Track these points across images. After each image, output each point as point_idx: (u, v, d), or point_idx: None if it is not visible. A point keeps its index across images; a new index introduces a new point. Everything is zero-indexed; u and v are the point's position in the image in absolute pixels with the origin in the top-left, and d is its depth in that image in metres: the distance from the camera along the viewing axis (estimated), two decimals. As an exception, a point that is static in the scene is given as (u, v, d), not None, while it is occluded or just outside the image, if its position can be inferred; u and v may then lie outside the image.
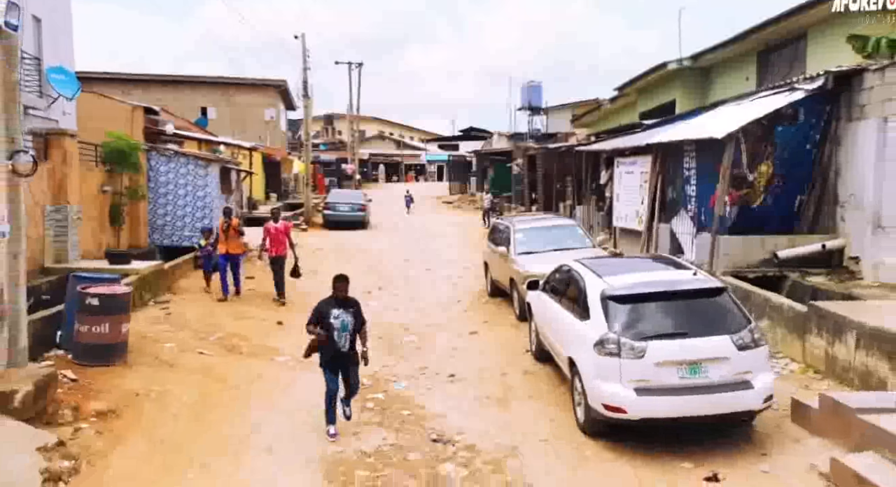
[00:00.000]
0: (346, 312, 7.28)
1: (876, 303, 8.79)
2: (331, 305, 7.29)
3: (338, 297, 7.33)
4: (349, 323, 7.26)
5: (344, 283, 7.41)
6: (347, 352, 7.31)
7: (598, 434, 7.10)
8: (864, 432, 6.12)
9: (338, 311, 7.24)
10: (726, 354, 6.59)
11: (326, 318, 7.20)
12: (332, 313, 7.23)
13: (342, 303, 7.33)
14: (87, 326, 8.02)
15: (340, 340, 7.22)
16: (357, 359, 7.41)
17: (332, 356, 7.26)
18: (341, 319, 7.24)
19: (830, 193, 11.60)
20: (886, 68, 10.37)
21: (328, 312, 7.23)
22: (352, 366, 7.38)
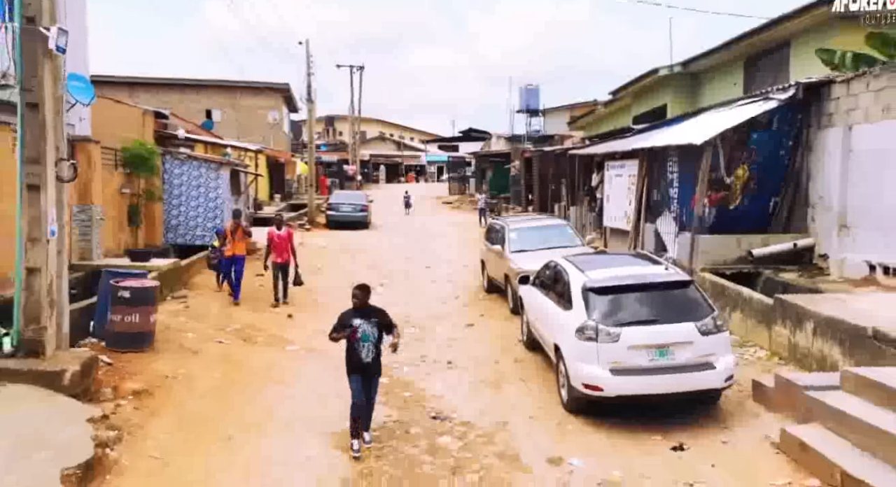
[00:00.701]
0: (367, 322, 7.09)
1: (835, 296, 9.65)
2: (351, 315, 7.17)
3: (358, 307, 7.16)
4: (371, 333, 7.08)
5: (362, 292, 7.21)
6: (370, 363, 7.13)
7: (579, 412, 7.96)
8: (810, 407, 6.98)
9: (358, 321, 7.09)
10: (691, 339, 7.46)
11: (348, 328, 7.09)
12: (354, 322, 7.09)
13: (362, 313, 7.15)
14: (119, 316, 8.89)
15: (362, 350, 7.06)
16: (380, 371, 7.30)
17: (356, 366, 7.13)
18: (362, 329, 7.07)
19: (802, 196, 12.47)
20: (851, 80, 11.24)
21: (349, 322, 7.10)
22: (374, 378, 7.25)
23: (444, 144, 71.10)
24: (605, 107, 30.97)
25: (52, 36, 6.96)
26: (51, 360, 7.25)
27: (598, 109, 30.36)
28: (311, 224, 28.35)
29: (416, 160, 74.73)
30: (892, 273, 10.36)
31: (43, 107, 7.07)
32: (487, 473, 6.73)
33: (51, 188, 7.19)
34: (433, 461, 7.02)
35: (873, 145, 10.70)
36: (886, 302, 9.01)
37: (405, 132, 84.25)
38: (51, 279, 7.27)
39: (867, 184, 10.84)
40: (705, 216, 12.50)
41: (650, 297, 7.85)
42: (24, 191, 7.08)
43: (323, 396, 8.56)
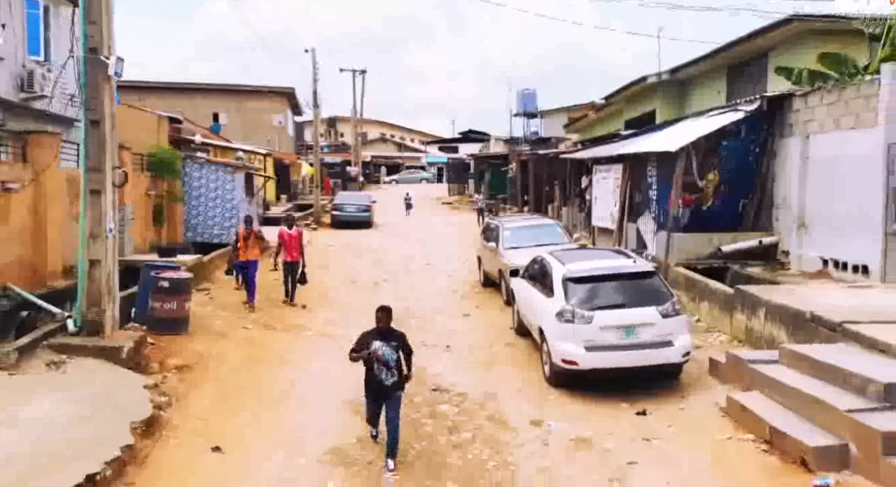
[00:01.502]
0: (386, 345, 6.98)
1: (786, 287, 10.94)
2: (372, 336, 7.07)
3: (380, 328, 7.09)
4: (391, 356, 6.98)
5: (384, 314, 7.10)
6: (389, 386, 7.02)
7: (559, 385, 9.24)
8: (752, 377, 8.26)
9: (378, 343, 6.98)
10: (653, 321, 8.75)
11: (367, 349, 7.03)
12: (373, 345, 6.99)
13: (384, 335, 7.07)
14: (159, 303, 10.17)
15: (381, 373, 6.97)
16: (399, 393, 7.13)
17: (374, 389, 7.14)
18: (383, 351, 6.96)
19: (768, 198, 13.76)
20: (808, 94, 12.53)
21: (369, 343, 7.03)
22: (393, 402, 7.07)
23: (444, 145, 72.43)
24: (598, 111, 32.23)
25: (111, 63, 8.23)
26: (109, 338, 8.54)
27: (589, 115, 31.63)
28: (316, 223, 29.64)
29: (417, 161, 75.94)
30: (841, 267, 11.64)
31: (103, 123, 8.36)
32: (479, 432, 8.02)
33: (109, 192, 8.47)
34: (433, 423, 8.31)
35: (826, 153, 11.99)
36: (827, 291, 10.33)
37: (406, 133, 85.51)
38: (108, 270, 8.55)
39: (821, 188, 12.13)
40: (680, 216, 13.78)
41: (619, 285, 9.14)
42: (88, 195, 8.35)
43: (335, 371, 9.82)
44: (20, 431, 6.40)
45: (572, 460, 7.29)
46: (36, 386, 7.44)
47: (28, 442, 6.21)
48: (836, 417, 6.71)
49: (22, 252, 10.56)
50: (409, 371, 7.25)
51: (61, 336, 8.54)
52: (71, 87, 16.63)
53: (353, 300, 15.02)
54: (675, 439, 7.67)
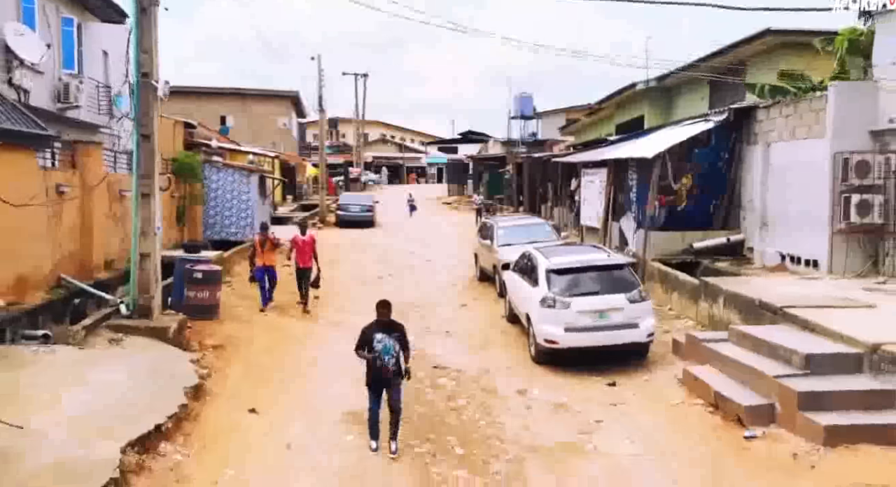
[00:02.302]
0: (388, 336, 7.53)
1: (744, 278, 12.40)
2: (374, 330, 7.61)
3: (381, 321, 7.65)
4: (392, 346, 7.50)
5: (386, 309, 7.67)
6: (390, 375, 7.56)
7: (542, 362, 10.69)
8: (706, 354, 9.70)
9: (381, 335, 7.52)
10: (622, 306, 10.20)
11: (370, 342, 7.52)
12: (376, 337, 7.52)
13: (385, 328, 7.61)
14: (194, 292, 11.62)
15: (383, 364, 7.49)
16: (400, 380, 7.66)
17: (376, 376, 7.62)
18: (384, 343, 7.49)
19: (736, 200, 15.21)
20: (770, 107, 13.98)
21: (372, 336, 7.55)
22: (394, 388, 7.62)
23: (444, 146, 73.90)
24: (591, 115, 33.72)
25: (160, 86, 9.66)
26: (157, 320, 10.00)
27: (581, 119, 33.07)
28: (322, 223, 31.08)
29: (417, 162, 77.38)
30: (796, 261, 13.09)
31: (152, 137, 9.80)
32: (473, 399, 9.47)
33: (157, 196, 9.91)
34: (434, 392, 9.76)
35: (784, 160, 13.44)
36: (779, 282, 11.80)
37: (406, 134, 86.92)
38: (155, 262, 9.99)
39: (780, 191, 13.58)
40: (657, 216, 15.22)
41: (594, 276, 10.60)
42: (139, 199, 9.79)
43: (349, 353, 11.23)
44: (98, 392, 7.84)
45: (550, 419, 8.74)
46: (102, 358, 8.89)
47: (105, 401, 7.66)
48: (766, 382, 8.17)
49: (73, 247, 11.99)
50: (406, 362, 7.69)
51: (116, 318, 10.00)
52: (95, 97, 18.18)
53: (360, 292, 16.43)
54: (638, 404, 9.13)
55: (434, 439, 8.18)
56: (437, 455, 7.75)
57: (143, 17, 9.49)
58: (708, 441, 7.86)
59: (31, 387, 7.59)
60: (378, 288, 17.15)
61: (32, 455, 6.23)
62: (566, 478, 7.19)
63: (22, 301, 9.99)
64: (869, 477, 6.50)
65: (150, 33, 9.58)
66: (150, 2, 9.51)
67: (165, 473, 6.87)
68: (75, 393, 7.68)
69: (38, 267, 10.62)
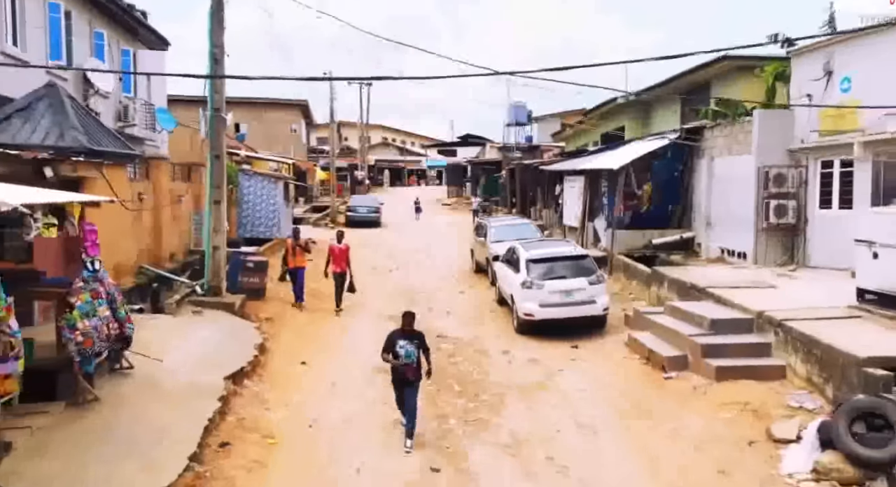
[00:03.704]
0: (410, 343, 8.51)
1: (686, 267, 15.40)
2: (398, 336, 8.58)
3: (404, 329, 8.61)
4: (412, 352, 8.46)
5: (410, 318, 8.66)
6: (411, 379, 8.57)
7: (522, 332, 13.68)
8: (646, 323, 12.69)
9: (403, 342, 8.48)
10: (584, 287, 13.19)
11: (394, 347, 8.50)
12: (399, 343, 8.48)
13: (408, 335, 8.58)
14: (246, 278, 14.61)
15: (404, 368, 8.52)
16: (418, 383, 8.65)
17: (401, 376, 8.64)
18: (406, 349, 8.44)
19: (689, 204, 18.22)
20: (713, 127, 16.99)
21: (395, 342, 8.52)
22: (413, 389, 8.59)
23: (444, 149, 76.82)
24: (579, 124, 36.74)
25: (228, 118, 12.63)
26: (225, 298, 12.99)
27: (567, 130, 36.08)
28: (333, 223, 34.07)
29: (418, 165, 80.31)
30: (732, 254, 16.10)
31: (222, 157, 12.77)
32: (468, 357, 12.45)
33: (224, 202, 12.89)
34: (438, 353, 12.55)
35: (723, 172, 16.45)
36: (713, 270, 14.81)
37: (407, 137, 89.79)
38: (223, 253, 12.98)
39: (720, 197, 16.59)
40: (623, 217, 18.24)
41: (563, 264, 13.59)
42: (212, 204, 12.77)
43: (371, 329, 14.24)
44: (197, 345, 10.84)
45: (525, 369, 11.75)
46: (192, 323, 11.89)
47: (204, 350, 10.65)
48: (683, 340, 11.16)
49: (148, 242, 14.96)
50: (428, 365, 8.72)
51: (194, 297, 12.99)
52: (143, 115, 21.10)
53: (373, 281, 19.41)
54: (591, 359, 12.14)
55: (439, 382, 11.13)
56: (441, 391, 10.72)
57: (217, 67, 12.47)
58: (637, 381, 10.87)
59: (154, 340, 10.54)
60: (389, 279, 20.22)
61: (170, 380, 9.24)
62: (533, 403, 10.19)
63: (118, 284, 12.95)
64: (738, 398, 9.48)
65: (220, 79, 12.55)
66: (221, 56, 12.48)
67: (251, 397, 9.87)
68: (183, 344, 10.69)
69: (128, 258, 13.57)
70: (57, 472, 6.60)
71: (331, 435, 8.99)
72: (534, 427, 9.35)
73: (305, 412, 9.76)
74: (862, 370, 8.33)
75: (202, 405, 8.62)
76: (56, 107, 12.06)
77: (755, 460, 8.05)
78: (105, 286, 8.44)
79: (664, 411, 9.65)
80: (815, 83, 14.36)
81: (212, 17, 12.49)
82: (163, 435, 7.68)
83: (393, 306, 15.58)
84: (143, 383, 9.03)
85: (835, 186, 14.16)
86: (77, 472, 6.67)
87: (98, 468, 6.81)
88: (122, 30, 19.34)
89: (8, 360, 6.32)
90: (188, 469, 7.21)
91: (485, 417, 9.75)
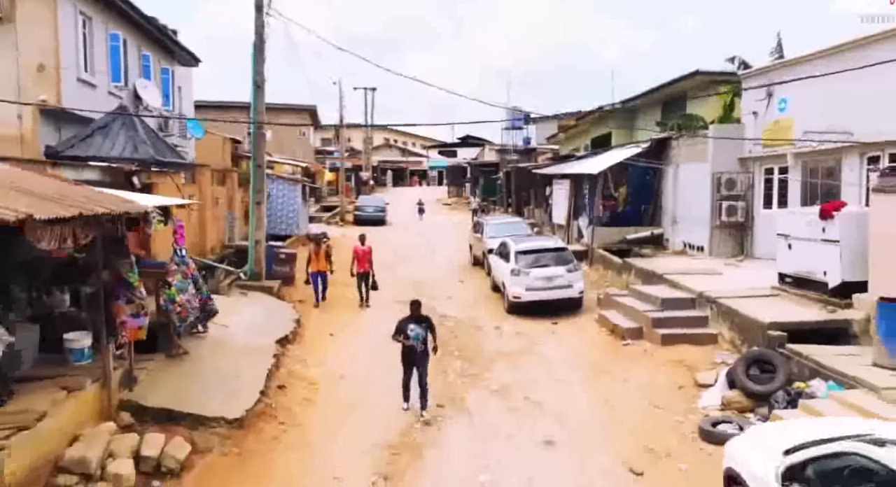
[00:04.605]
0: (419, 326, 10.04)
1: (654, 259, 18.07)
2: (408, 321, 10.08)
3: (413, 316, 10.19)
4: (421, 334, 9.99)
5: (417, 305, 10.35)
6: (420, 355, 10.06)
7: (511, 312, 16.35)
8: (613, 303, 15.36)
9: (413, 325, 10.02)
10: (563, 274, 15.87)
11: (405, 331, 9.94)
12: (409, 327, 9.96)
13: (417, 320, 10.16)
14: (279, 267, 17.28)
15: (413, 346, 10.00)
16: (427, 359, 10.17)
17: (408, 355, 10.09)
18: (415, 332, 9.96)
19: (659, 204, 20.89)
20: (678, 138, 19.66)
21: (406, 326, 9.97)
22: (423, 365, 10.12)
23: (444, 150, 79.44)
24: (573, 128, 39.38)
25: (268, 135, 15.28)
26: (265, 282, 15.67)
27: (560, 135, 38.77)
28: (342, 221, 36.76)
29: (419, 165, 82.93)
30: (692, 247, 18.77)
31: (262, 166, 15.43)
32: (466, 332, 15.11)
33: (264, 203, 15.55)
34: (442, 329, 15.23)
35: (686, 177, 19.12)
36: (673, 260, 17.48)
37: (408, 138, 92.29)
38: (263, 246, 15.65)
39: (683, 199, 19.26)
40: (602, 216, 20.89)
41: (546, 255, 16.26)
42: (255, 205, 15.43)
43: (383, 312, 16.87)
44: (249, 317, 13.53)
45: (512, 340, 14.42)
46: (241, 301, 14.58)
47: (255, 321, 13.33)
48: (639, 315, 13.82)
49: (195, 237, 17.61)
50: (434, 342, 10.35)
51: (239, 281, 15.66)
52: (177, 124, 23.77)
53: (384, 274, 22.00)
54: (568, 333, 14.82)
55: (442, 350, 13.56)
56: (444, 356, 13.28)
57: (258, 92, 15.14)
58: (602, 348, 13.55)
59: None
60: (396, 271, 22.84)
61: (234, 341, 11.92)
62: (517, 364, 12.85)
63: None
64: (677, 358, 12.15)
65: (261, 101, 15.21)
66: (262, 82, 15.15)
67: (294, 357, 12.56)
68: (238, 317, 13.37)
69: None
70: (170, 397, 9.25)
71: (357, 385, 11.66)
72: (516, 379, 12.02)
73: (336, 369, 12.42)
74: (766, 332, 11.00)
75: (262, 359, 11.31)
76: (128, 125, 14.70)
77: (682, 399, 10.73)
78: (190, 269, 11.09)
79: (619, 368, 12.32)
80: (759, 102, 17.03)
81: (255, 50, 15.15)
82: (237, 378, 10.36)
83: (402, 294, 18.16)
84: (215, 343, 11.72)
85: (775, 190, 16.83)
86: (184, 398, 9.32)
87: (196, 396, 9.48)
88: (162, 51, 21.98)
89: (140, 316, 8.97)
90: (259, 401, 9.88)
91: (478, 373, 12.43)
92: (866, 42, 13.69)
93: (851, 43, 14.25)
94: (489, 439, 9.50)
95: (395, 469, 8.58)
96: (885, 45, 12.96)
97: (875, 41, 13.37)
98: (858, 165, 13.85)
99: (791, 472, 5.39)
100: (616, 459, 8.79)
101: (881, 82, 12.81)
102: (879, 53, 12.57)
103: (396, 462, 8.78)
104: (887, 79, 12.64)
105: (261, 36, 15.07)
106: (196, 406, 9.10)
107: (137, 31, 19.61)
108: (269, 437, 9.23)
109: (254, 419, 9.42)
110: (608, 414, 10.40)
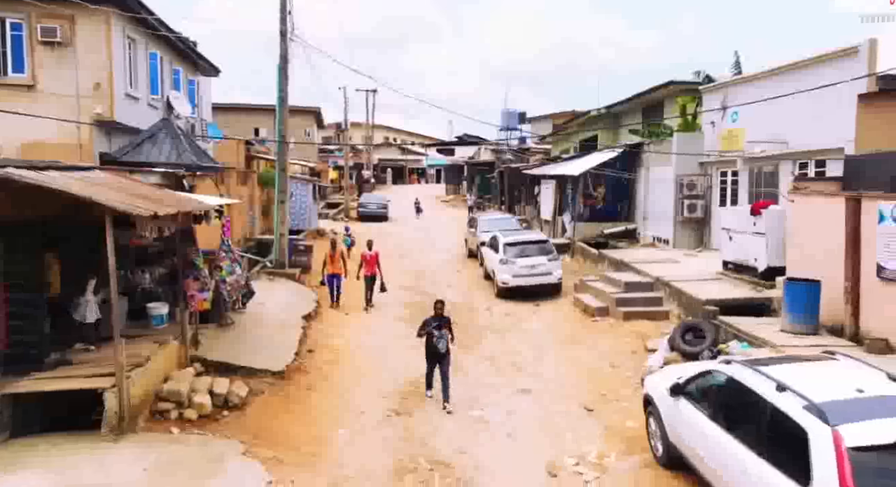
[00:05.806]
0: (442, 327, 11.08)
1: (625, 251, 20.64)
2: (431, 321, 11.12)
3: (436, 315, 11.20)
4: (443, 333, 11.02)
5: (441, 305, 11.42)
6: (443, 352, 10.91)
7: (500, 297, 18.92)
8: (587, 287, 17.92)
9: (436, 323, 11.05)
10: (544, 263, 18.44)
11: (429, 327, 11.05)
12: (432, 324, 11.01)
13: (439, 319, 11.16)
14: (297, 257, 19.81)
15: (439, 344, 10.86)
16: (449, 356, 11.05)
17: (432, 353, 11.03)
18: (441, 337, 10.96)
19: (633, 203, 23.45)
20: (649, 144, 22.21)
21: (430, 323, 11.05)
22: (445, 362, 11.00)
23: (442, 148, 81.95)
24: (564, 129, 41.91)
25: (291, 144, 17.78)
26: (288, 270, 18.21)
27: (549, 139, 41.29)
28: (347, 217, 39.28)
29: (418, 164, 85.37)
30: (660, 240, 21.35)
31: (286, 169, 17.94)
32: (462, 312, 17.64)
33: (287, 202, 18.06)
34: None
35: (655, 178, 21.68)
36: (640, 251, 20.05)
37: (407, 136, 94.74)
38: (286, 238, 18.18)
39: (653, 198, 21.83)
40: (583, 213, 23.45)
41: (530, 246, 18.83)
42: (279, 203, 17.95)
43: (392, 296, 19.42)
44: (279, 298, 16.08)
45: (502, 319, 17.00)
46: (270, 285, 17.12)
47: (286, 301, 15.88)
48: (607, 296, 16.39)
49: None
50: (452, 339, 11.38)
51: (266, 269, 18.19)
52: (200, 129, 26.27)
53: (389, 265, 24.51)
54: (547, 312, 17.40)
55: (441, 325, 16.36)
56: (442, 330, 15.92)
57: (283, 105, 17.63)
58: (575, 324, 16.13)
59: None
60: (399, 262, 25.38)
61: (269, 316, 14.48)
62: (504, 338, 15.42)
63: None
64: (635, 330, 14.71)
65: (285, 113, 17.71)
66: (285, 97, 17.64)
67: (318, 330, 15.09)
68: (269, 298, 15.91)
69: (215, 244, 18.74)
70: (226, 354, 11.76)
71: (372, 352, 14.22)
72: (503, 349, 14.59)
73: (353, 341, 14.98)
74: (703, 307, 13.57)
75: (292, 330, 13.85)
76: (172, 134, 17.20)
77: (634, 360, 13.29)
78: (235, 255, 13.62)
79: (588, 339, 14.89)
80: (716, 114, 19.59)
81: (280, 70, 17.67)
82: (275, 343, 12.90)
83: (407, 281, 20.83)
84: (254, 317, 14.27)
85: (728, 190, 19.40)
86: (237, 356, 11.84)
87: (246, 355, 12.01)
88: (188, 63, 24.45)
89: (205, 291, 11.51)
90: (294, 360, 12.43)
91: (471, 344, 14.99)
92: (804, 65, 16.22)
93: (791, 65, 16.79)
94: (479, 389, 12.07)
95: (404, 407, 11.16)
96: (818, 69, 15.49)
97: (810, 65, 15.90)
98: (791, 171, 16.40)
99: (677, 388, 7.95)
100: (576, 401, 11.37)
101: (811, 101, 15.33)
102: (810, 77, 15.12)
103: (406, 403, 11.35)
104: (815, 97, 15.15)
105: (285, 58, 17.59)
106: (247, 361, 11.63)
107: (170, 48, 22.07)
108: (305, 386, 11.78)
109: (292, 372, 11.96)
110: (574, 372, 12.97)
